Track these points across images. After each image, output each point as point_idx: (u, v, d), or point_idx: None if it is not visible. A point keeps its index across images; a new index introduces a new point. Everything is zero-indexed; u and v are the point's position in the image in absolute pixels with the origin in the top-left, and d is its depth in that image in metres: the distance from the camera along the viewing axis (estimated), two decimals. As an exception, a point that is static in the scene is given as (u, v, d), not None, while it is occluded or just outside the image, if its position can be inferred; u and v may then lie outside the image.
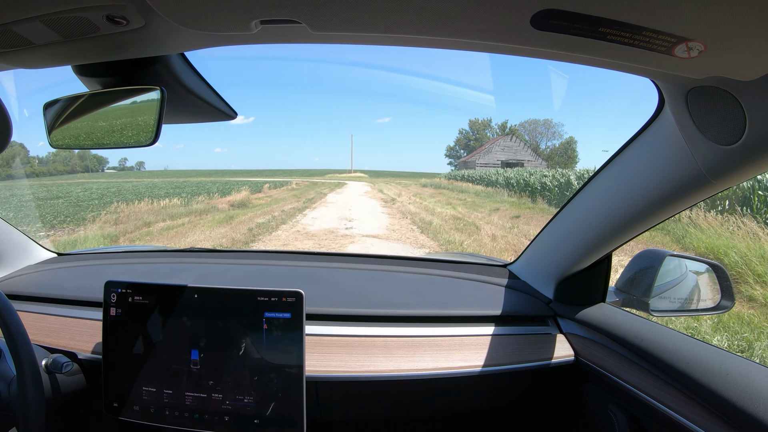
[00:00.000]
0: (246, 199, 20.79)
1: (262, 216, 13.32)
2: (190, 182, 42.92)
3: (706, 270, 1.13)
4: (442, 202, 18.92)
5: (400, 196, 23.62)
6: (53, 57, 0.63)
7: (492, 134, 60.73)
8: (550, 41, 0.48)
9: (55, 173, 65.88)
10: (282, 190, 31.68)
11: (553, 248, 1.14)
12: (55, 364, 0.93)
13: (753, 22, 0.41)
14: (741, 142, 0.57)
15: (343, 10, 0.45)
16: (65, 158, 72.33)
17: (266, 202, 19.86)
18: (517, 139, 45.23)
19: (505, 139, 44.98)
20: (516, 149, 43.17)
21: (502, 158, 41.74)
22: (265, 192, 28.49)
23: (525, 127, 56.28)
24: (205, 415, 0.91)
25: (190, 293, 0.93)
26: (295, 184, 40.43)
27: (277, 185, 36.55)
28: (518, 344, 1.06)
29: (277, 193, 28.23)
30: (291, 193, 27.93)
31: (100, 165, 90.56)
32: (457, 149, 66.61)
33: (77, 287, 1.24)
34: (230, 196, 22.47)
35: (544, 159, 46.06)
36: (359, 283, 1.26)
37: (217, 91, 0.78)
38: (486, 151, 43.26)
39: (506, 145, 43.42)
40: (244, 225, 11.38)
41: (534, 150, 46.07)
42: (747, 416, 0.66)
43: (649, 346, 0.88)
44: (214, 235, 10.10)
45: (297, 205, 17.82)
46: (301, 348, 0.89)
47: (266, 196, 24.92)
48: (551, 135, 54.04)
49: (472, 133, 64.16)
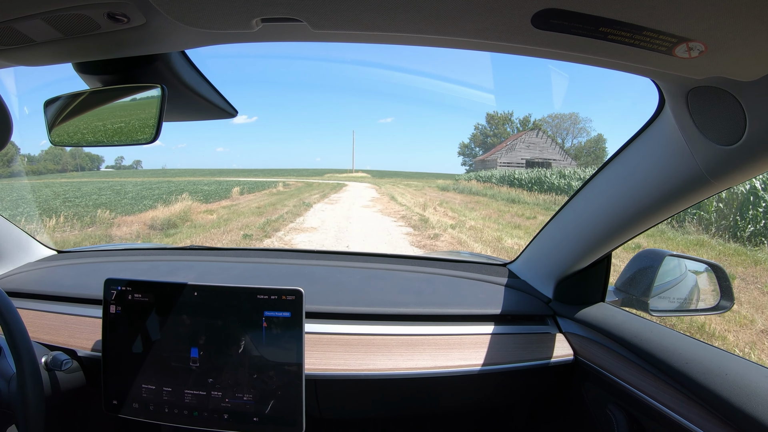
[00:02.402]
0: (185, 212, 13.43)
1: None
2: (159, 183, 34.94)
3: (706, 270, 1.13)
4: (510, 224, 11.54)
5: (424, 208, 14.66)
6: (54, 54, 0.63)
7: (512, 130, 53.85)
8: (550, 41, 0.48)
9: (45, 172, 63.68)
10: (259, 195, 23.70)
11: (553, 247, 1.14)
12: (54, 361, 0.93)
13: (753, 23, 0.41)
14: (741, 143, 0.57)
15: (344, 8, 0.45)
16: (56, 156, 71.28)
17: (213, 219, 12.45)
18: (544, 135, 39.04)
19: (530, 135, 38.51)
20: (542, 146, 37.42)
21: (527, 156, 36.49)
22: (231, 200, 20.60)
23: (548, 122, 50.75)
24: (205, 412, 0.91)
25: (190, 291, 0.93)
26: (282, 186, 32.34)
27: (255, 188, 28.75)
28: (517, 343, 1.06)
29: (247, 201, 19.83)
30: (267, 200, 19.57)
31: (93, 163, 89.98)
32: (472, 147, 59.58)
33: (77, 284, 1.24)
34: (167, 206, 14.87)
35: (573, 158, 40.24)
36: (359, 282, 1.27)
37: (218, 90, 0.79)
38: (509, 149, 37.53)
39: (531, 142, 37.40)
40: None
41: (561, 147, 40.21)
42: (745, 416, 0.67)
43: (648, 345, 0.88)
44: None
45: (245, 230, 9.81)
46: (300, 346, 0.89)
47: (224, 206, 16.80)
48: (577, 131, 48.40)
49: (490, 128, 56.65)
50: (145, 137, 0.65)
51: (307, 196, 21.50)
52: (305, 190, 27.89)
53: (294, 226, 10.83)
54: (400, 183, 41.85)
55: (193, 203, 16.53)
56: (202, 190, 24.79)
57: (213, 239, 9.07)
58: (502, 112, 57.30)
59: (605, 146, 47.26)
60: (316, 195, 23.17)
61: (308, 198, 20.37)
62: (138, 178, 51.27)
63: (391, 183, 42.08)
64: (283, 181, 40.86)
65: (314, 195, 23.15)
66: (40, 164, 68.32)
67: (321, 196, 22.82)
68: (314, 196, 22.54)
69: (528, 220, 12.21)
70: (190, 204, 15.92)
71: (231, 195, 22.49)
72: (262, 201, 19.15)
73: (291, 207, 15.42)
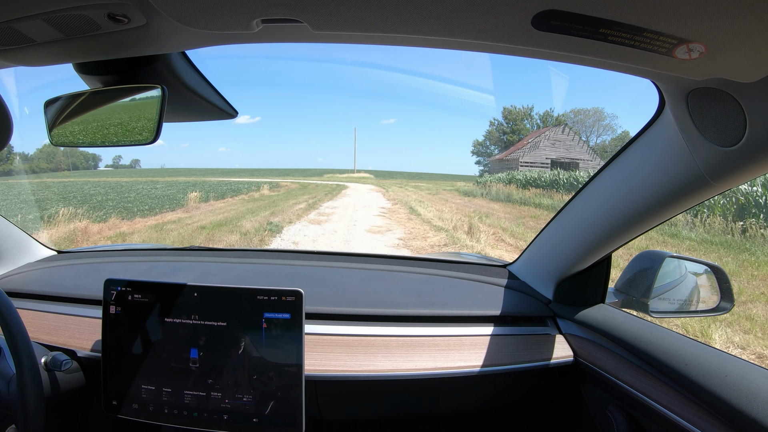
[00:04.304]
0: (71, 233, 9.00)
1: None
2: (97, 185, 31.32)
3: (706, 271, 1.13)
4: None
5: (470, 230, 9.62)
6: (54, 55, 0.63)
7: (532, 126, 47.98)
8: (550, 42, 0.48)
9: (38, 171, 62.53)
10: (230, 202, 18.33)
11: (553, 249, 1.14)
12: (54, 361, 0.93)
13: (754, 24, 0.41)
14: (741, 144, 0.57)
15: (344, 9, 0.46)
16: (49, 154, 70.38)
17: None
18: (570, 132, 33.65)
19: (555, 132, 33.16)
20: (569, 145, 32.32)
21: (552, 156, 31.70)
22: (186, 210, 15.44)
23: (570, 118, 44.73)
24: (204, 413, 0.91)
25: (190, 292, 0.93)
26: (268, 189, 26.12)
27: (230, 192, 23.14)
28: (517, 344, 1.06)
29: (205, 212, 14.52)
30: (231, 212, 14.22)
31: (87, 162, 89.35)
32: (487, 144, 52.59)
33: (77, 285, 1.24)
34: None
35: (601, 158, 34.19)
36: (359, 283, 1.26)
37: (219, 90, 0.79)
38: (533, 146, 32.51)
39: (557, 139, 32.33)
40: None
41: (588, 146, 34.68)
42: (745, 418, 0.66)
43: (648, 347, 0.88)
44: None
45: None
46: (300, 347, 0.89)
47: (172, 221, 12.28)
48: (602, 129, 43.35)
49: (507, 124, 49.66)
50: (145, 138, 0.65)
51: (288, 207, 15.01)
52: (296, 194, 22.32)
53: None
54: (407, 185, 38.17)
55: (113, 219, 11.88)
56: (154, 195, 19.73)
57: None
58: (522, 106, 50.73)
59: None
60: (302, 205, 15.91)
61: (290, 209, 14.03)
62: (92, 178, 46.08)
63: (397, 185, 38.20)
64: (270, 182, 35.58)
65: (299, 205, 15.78)
66: (33, 163, 67.86)
67: (307, 206, 15.65)
68: (298, 206, 15.33)
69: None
70: (85, 225, 10.03)
71: (187, 203, 16.52)
72: (226, 213, 13.90)
73: (250, 228, 9.89)
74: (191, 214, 14.50)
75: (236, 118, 0.88)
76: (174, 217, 13.61)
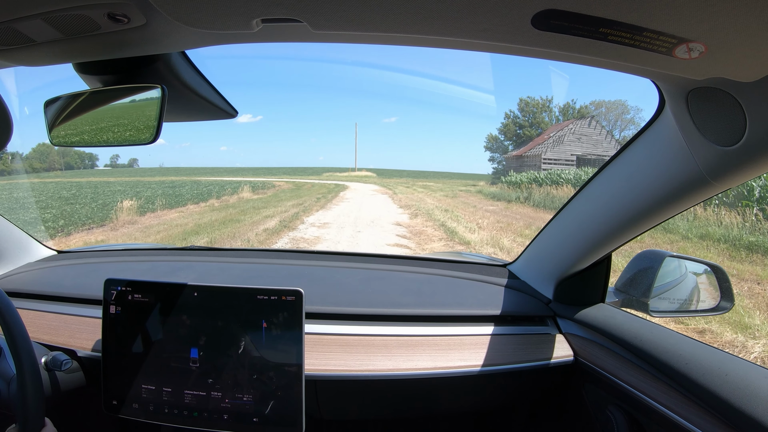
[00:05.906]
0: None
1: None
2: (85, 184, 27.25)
3: (706, 271, 1.13)
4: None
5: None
6: (54, 54, 0.63)
7: (551, 119, 42.04)
8: (550, 41, 0.48)
9: (30, 171, 60.42)
10: (185, 212, 13.87)
11: (553, 248, 1.14)
12: (54, 361, 0.93)
13: (754, 24, 0.41)
14: (741, 144, 0.57)
15: (344, 9, 0.46)
16: (42, 153, 69.41)
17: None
18: (597, 125, 29.72)
19: (580, 125, 29.32)
20: (596, 140, 28.70)
21: (579, 152, 28.24)
22: (99, 232, 10.10)
23: (590, 110, 39.98)
24: (205, 413, 0.91)
25: (190, 291, 0.93)
26: (250, 190, 21.54)
27: (198, 196, 18.43)
28: (517, 344, 1.06)
29: (131, 231, 10.28)
30: (158, 235, 9.52)
31: (83, 162, 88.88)
32: (501, 140, 44.83)
33: (77, 285, 1.24)
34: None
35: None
36: (359, 282, 1.26)
37: (219, 90, 0.79)
38: (556, 141, 28.65)
39: (583, 134, 28.75)
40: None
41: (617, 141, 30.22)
42: (745, 417, 0.66)
43: (648, 346, 0.88)
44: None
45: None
46: (300, 347, 0.89)
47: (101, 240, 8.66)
48: (625, 123, 38.30)
49: (524, 117, 43.00)
50: (146, 138, 0.65)
51: (251, 225, 10.16)
52: (282, 199, 17.68)
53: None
54: (414, 184, 32.99)
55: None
56: (86, 204, 15.12)
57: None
58: (540, 97, 44.01)
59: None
60: (273, 222, 10.53)
61: (250, 230, 9.23)
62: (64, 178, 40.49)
63: (403, 184, 33.26)
64: (255, 182, 29.26)
65: (269, 221, 10.67)
66: (25, 162, 67.05)
67: (279, 226, 10.03)
68: (268, 223, 10.35)
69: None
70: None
71: (117, 216, 11.97)
72: (163, 232, 9.82)
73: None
74: (117, 233, 10.26)
75: (237, 117, 0.88)
76: (79, 241, 8.60)
